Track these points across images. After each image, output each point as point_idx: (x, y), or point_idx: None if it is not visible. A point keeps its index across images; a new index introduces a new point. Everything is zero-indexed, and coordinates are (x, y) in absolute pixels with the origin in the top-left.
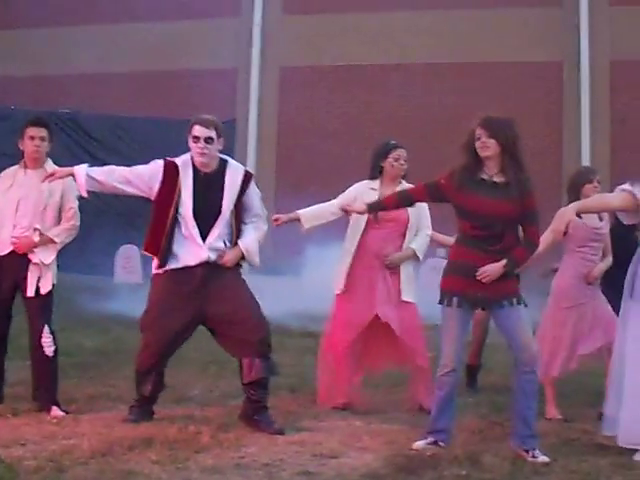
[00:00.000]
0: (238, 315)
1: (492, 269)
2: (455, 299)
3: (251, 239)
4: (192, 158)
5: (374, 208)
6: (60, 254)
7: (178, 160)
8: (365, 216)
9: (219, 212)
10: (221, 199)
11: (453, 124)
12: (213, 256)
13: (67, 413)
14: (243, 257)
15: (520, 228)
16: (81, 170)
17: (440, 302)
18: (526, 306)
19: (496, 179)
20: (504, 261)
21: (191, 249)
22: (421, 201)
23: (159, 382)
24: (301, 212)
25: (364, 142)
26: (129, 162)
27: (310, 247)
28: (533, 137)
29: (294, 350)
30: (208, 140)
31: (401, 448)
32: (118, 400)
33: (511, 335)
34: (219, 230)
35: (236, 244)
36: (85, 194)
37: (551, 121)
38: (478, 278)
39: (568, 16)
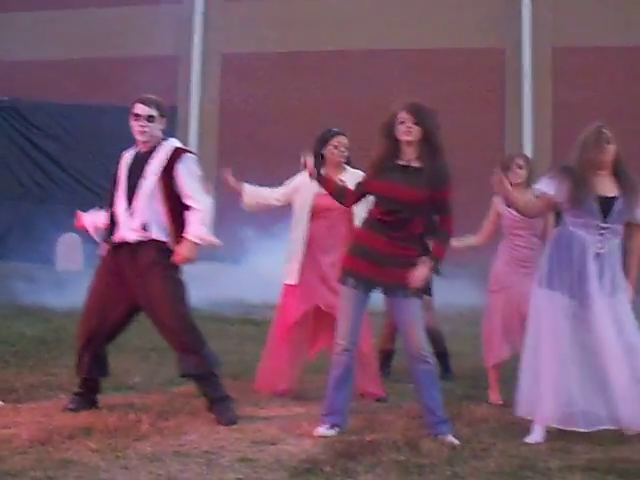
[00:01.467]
0: (156, 316)
1: (420, 274)
2: (351, 280)
3: (194, 226)
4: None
5: (319, 180)
6: (1, 242)
7: (128, 150)
8: (309, 206)
9: (138, 188)
10: (143, 175)
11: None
12: (132, 236)
13: (4, 402)
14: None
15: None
16: None
17: (339, 281)
18: (430, 295)
19: (412, 165)
20: (427, 262)
21: (119, 228)
22: (349, 204)
23: (99, 366)
24: (246, 186)
25: (306, 129)
26: (70, 150)
27: (250, 235)
28: (475, 123)
29: (235, 337)
30: (149, 118)
31: (340, 434)
32: (58, 389)
33: (402, 327)
34: (140, 207)
35: (175, 230)
36: None
37: (493, 107)
38: (404, 284)
39: (510, 3)
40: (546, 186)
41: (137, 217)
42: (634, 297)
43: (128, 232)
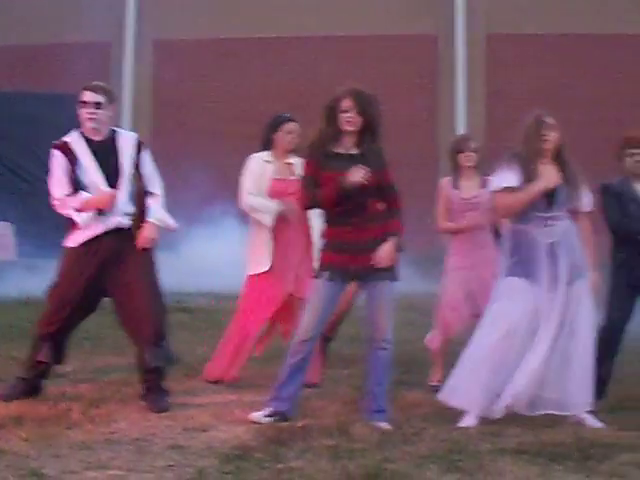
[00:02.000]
0: (133, 303)
1: (384, 252)
2: (327, 273)
3: (155, 209)
4: (82, 130)
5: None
6: None
7: (66, 137)
8: (265, 191)
9: (121, 176)
10: (120, 163)
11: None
12: (125, 221)
13: None
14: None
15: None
16: None
17: (315, 276)
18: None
19: (352, 152)
20: (390, 240)
21: (110, 214)
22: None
23: (58, 352)
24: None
25: (240, 116)
26: (2, 138)
27: (186, 223)
28: (408, 109)
29: (169, 325)
30: (97, 105)
31: (272, 420)
32: None
33: (370, 310)
34: (124, 194)
35: (139, 216)
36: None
37: (427, 94)
38: (376, 266)
39: None
40: (506, 180)
41: (125, 203)
42: (599, 283)
43: (123, 217)
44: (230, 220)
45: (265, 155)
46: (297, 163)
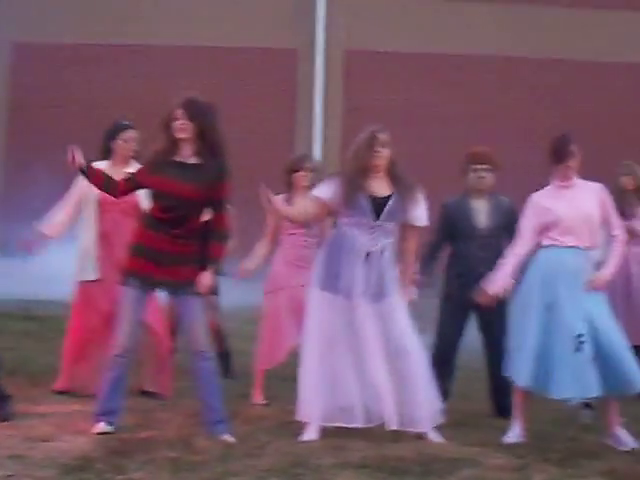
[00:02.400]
0: None
1: (205, 281)
2: (133, 280)
3: None
4: None
5: (86, 172)
6: None
7: None
8: (95, 198)
9: None
10: None
11: None
12: None
13: None
14: None
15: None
16: None
17: (121, 283)
18: (216, 294)
19: (190, 161)
20: (209, 268)
21: None
22: (119, 195)
23: None
24: None
25: (97, 123)
26: None
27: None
28: (266, 123)
29: (14, 333)
30: None
31: (116, 431)
32: None
33: (185, 325)
34: None
35: None
36: None
37: (284, 108)
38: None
39: (304, 3)
40: (321, 191)
41: None
42: (413, 297)
43: None
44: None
45: (104, 164)
46: None
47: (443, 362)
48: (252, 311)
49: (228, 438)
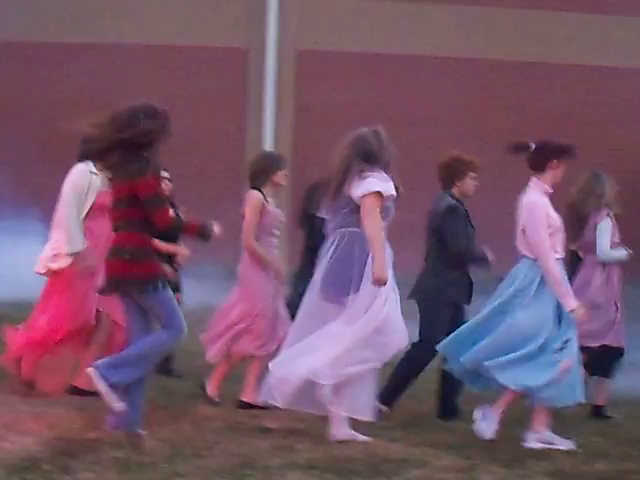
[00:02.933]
0: None
1: None
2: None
3: None
4: None
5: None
6: None
7: None
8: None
9: None
10: None
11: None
12: None
13: None
14: None
15: None
16: None
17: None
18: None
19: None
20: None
21: None
22: None
23: None
24: None
25: (41, 122)
26: None
27: None
28: (216, 123)
29: None
30: None
31: (63, 432)
32: None
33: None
34: None
35: None
36: None
37: (236, 107)
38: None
39: (256, 3)
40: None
41: None
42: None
43: None
44: (29, 225)
45: (91, 166)
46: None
47: (423, 362)
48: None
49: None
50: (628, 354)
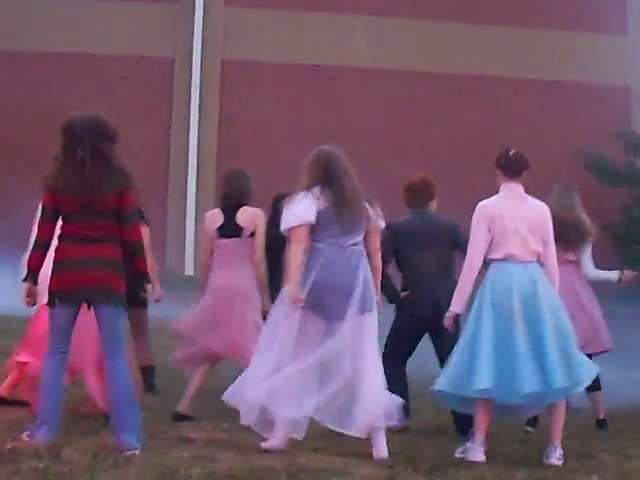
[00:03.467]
0: None
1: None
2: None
3: None
4: None
5: None
6: None
7: None
8: None
9: None
10: None
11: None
12: None
13: None
14: None
15: None
16: None
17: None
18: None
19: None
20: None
21: None
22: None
23: None
24: None
25: None
26: None
27: None
28: (142, 132)
29: None
30: None
31: None
32: None
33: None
34: None
35: None
36: None
37: (160, 117)
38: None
39: (183, 13)
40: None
41: None
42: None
43: None
44: None
45: None
46: None
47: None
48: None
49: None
50: None
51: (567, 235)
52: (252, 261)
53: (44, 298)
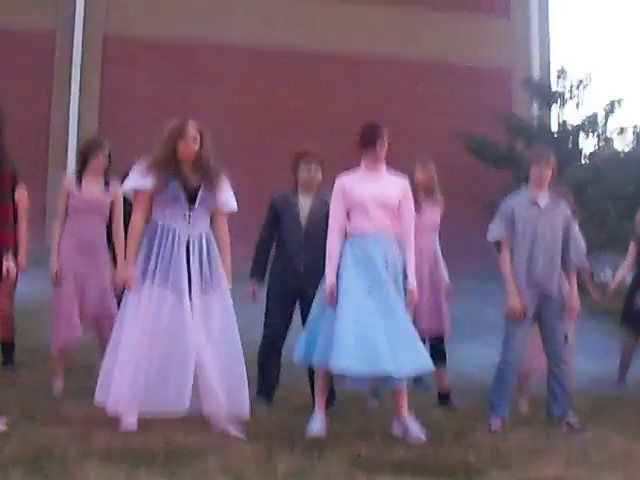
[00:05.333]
0: None
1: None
2: None
3: None
4: None
5: None
6: None
7: None
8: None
9: None
10: None
11: None
12: None
13: None
14: None
15: None
16: None
17: None
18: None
19: None
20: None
21: None
22: None
23: None
24: None
25: None
26: None
27: None
28: (21, 106)
29: None
30: None
31: None
32: None
33: None
34: None
35: None
36: None
37: (41, 91)
38: None
39: None
40: (140, 182)
41: None
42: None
43: None
44: None
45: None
46: None
47: (273, 351)
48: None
49: None
50: None
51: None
52: None
53: None
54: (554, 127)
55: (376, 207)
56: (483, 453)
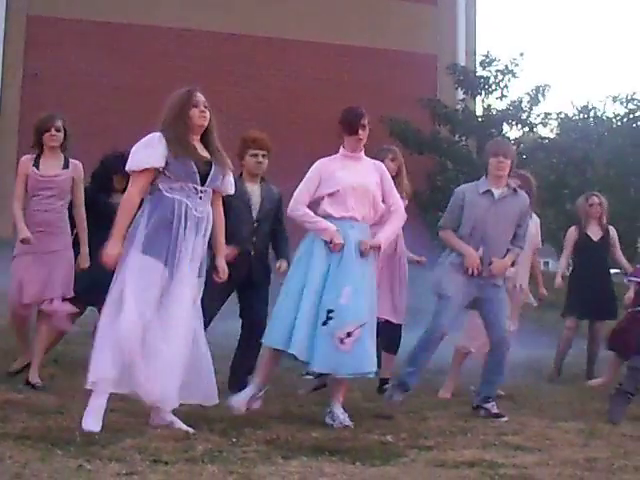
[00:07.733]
0: None
1: None
2: None
3: None
4: None
5: None
6: None
7: None
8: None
9: None
10: None
11: None
12: None
13: None
14: None
15: None
16: None
17: None
18: None
19: None
20: None
21: None
22: None
23: None
24: None
25: None
26: None
27: None
28: None
29: None
30: None
31: None
32: None
33: None
34: None
35: None
36: None
37: None
38: None
39: None
40: (147, 159)
41: None
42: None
43: None
44: None
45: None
46: None
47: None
48: None
49: None
50: None
51: None
52: None
53: None
54: (479, 113)
55: (354, 195)
56: (401, 435)
